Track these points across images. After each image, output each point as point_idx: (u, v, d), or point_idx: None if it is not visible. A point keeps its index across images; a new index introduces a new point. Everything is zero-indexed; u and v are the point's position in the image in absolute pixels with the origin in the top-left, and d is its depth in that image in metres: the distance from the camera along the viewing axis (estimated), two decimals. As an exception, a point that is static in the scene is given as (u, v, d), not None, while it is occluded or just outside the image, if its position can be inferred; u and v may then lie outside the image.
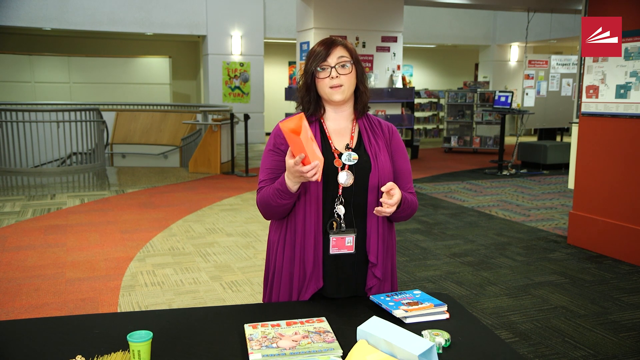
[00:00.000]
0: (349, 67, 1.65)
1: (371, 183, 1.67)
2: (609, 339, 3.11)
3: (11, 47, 12.93)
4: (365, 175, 1.67)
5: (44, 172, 8.48)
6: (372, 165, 1.67)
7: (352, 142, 1.71)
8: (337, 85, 1.64)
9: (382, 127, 1.76)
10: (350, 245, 1.67)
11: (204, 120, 9.32)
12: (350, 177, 1.65)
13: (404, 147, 1.81)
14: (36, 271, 4.18)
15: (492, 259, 4.58)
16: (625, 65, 4.40)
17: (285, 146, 1.67)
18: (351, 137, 1.72)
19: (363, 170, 1.67)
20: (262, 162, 1.74)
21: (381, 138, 1.74)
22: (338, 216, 1.66)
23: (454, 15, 13.91)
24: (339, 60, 1.64)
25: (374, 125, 1.76)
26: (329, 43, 1.67)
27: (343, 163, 1.66)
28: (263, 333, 1.41)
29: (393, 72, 8.09)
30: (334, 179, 1.66)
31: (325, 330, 1.43)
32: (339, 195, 1.66)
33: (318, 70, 1.65)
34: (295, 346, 1.35)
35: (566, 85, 10.43)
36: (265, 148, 1.75)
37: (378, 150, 1.71)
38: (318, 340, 1.37)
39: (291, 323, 1.47)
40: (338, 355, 1.31)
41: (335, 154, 1.68)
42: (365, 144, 1.71)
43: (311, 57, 1.67)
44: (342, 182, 1.65)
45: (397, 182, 1.72)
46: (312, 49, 1.70)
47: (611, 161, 4.62)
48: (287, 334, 1.41)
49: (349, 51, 1.68)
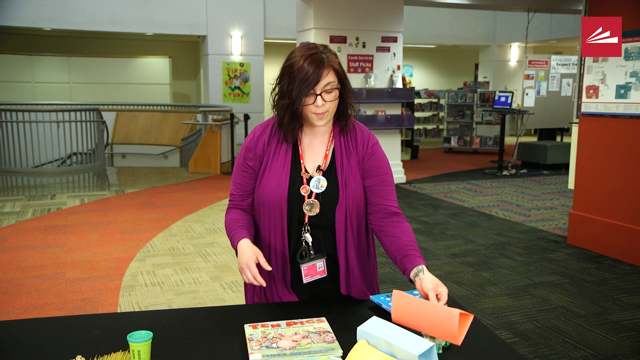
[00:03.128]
0: (335, 93, 1.54)
1: (337, 215, 1.60)
2: (609, 339, 3.11)
3: (11, 47, 12.93)
4: (332, 206, 1.60)
5: (44, 172, 8.48)
6: (340, 195, 1.59)
7: (324, 163, 1.62)
8: (321, 112, 1.55)
9: (358, 144, 1.64)
10: (322, 270, 1.63)
11: (204, 120, 9.32)
12: (316, 206, 1.60)
13: (385, 161, 1.67)
14: (36, 271, 4.18)
15: (492, 259, 4.58)
16: (625, 66, 4.40)
17: (254, 162, 1.63)
18: (325, 155, 1.63)
19: (330, 200, 1.60)
20: (233, 174, 1.71)
21: (354, 155, 1.63)
22: (306, 244, 1.62)
23: (454, 15, 13.90)
24: (326, 87, 1.52)
25: (349, 142, 1.64)
26: (317, 64, 1.50)
27: (310, 190, 1.60)
28: (263, 333, 1.41)
29: (393, 72, 8.09)
30: (300, 206, 1.60)
31: (325, 331, 1.43)
32: (305, 224, 1.61)
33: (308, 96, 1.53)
34: (295, 346, 1.34)
35: (566, 85, 10.43)
36: (237, 160, 1.70)
37: (349, 175, 1.61)
38: (318, 341, 1.37)
39: (291, 323, 1.47)
40: (338, 356, 1.31)
41: (304, 178, 1.60)
42: (337, 168, 1.62)
43: (298, 79, 1.50)
44: (306, 211, 1.60)
45: (378, 199, 1.64)
46: (298, 67, 1.51)
47: (611, 161, 4.62)
48: (287, 334, 1.41)
49: (336, 72, 1.54)
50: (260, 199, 1.63)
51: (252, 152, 1.64)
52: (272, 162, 1.62)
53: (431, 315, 1.32)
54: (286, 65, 1.55)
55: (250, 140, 1.65)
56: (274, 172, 1.61)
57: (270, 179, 1.61)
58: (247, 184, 1.66)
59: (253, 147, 1.64)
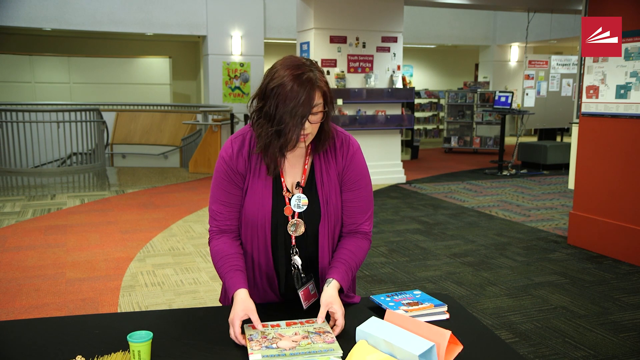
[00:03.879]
0: (320, 115, 1.47)
1: (321, 233, 1.57)
2: (609, 339, 3.11)
3: (11, 47, 12.93)
4: (315, 224, 1.57)
5: (44, 172, 8.48)
6: (322, 213, 1.56)
7: (303, 178, 1.57)
8: (306, 134, 1.47)
9: (337, 154, 1.58)
10: (314, 293, 1.61)
11: (204, 120, 9.32)
12: (301, 225, 1.56)
13: (364, 172, 1.61)
14: (36, 271, 4.18)
15: (492, 259, 4.58)
16: (625, 66, 4.40)
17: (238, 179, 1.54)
18: (304, 170, 1.57)
19: (313, 219, 1.56)
20: (213, 188, 1.58)
21: (334, 169, 1.58)
22: (297, 269, 1.58)
23: (454, 15, 13.90)
24: (314, 110, 1.44)
25: (328, 153, 1.58)
26: (310, 86, 1.41)
27: (293, 211, 1.55)
28: (263, 333, 1.41)
29: (393, 72, 8.09)
30: (284, 227, 1.56)
31: (325, 331, 1.43)
32: (292, 246, 1.58)
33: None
34: (295, 347, 1.34)
35: (566, 85, 10.43)
36: (217, 176, 1.57)
37: (330, 191, 1.57)
38: (318, 341, 1.37)
39: (291, 323, 1.47)
40: (338, 356, 1.31)
41: (286, 198, 1.55)
42: (317, 183, 1.57)
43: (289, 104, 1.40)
44: (291, 232, 1.56)
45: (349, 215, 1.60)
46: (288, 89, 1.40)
47: (611, 161, 4.62)
48: (287, 335, 1.41)
49: (323, 94, 1.46)
50: (244, 219, 1.58)
51: (234, 171, 1.55)
52: (253, 181, 1.55)
53: (422, 333, 1.31)
54: (274, 86, 1.42)
55: (229, 157, 1.54)
56: (255, 192, 1.54)
57: (252, 200, 1.55)
58: (234, 201, 1.57)
59: (235, 165, 1.55)
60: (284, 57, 1.49)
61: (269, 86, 1.43)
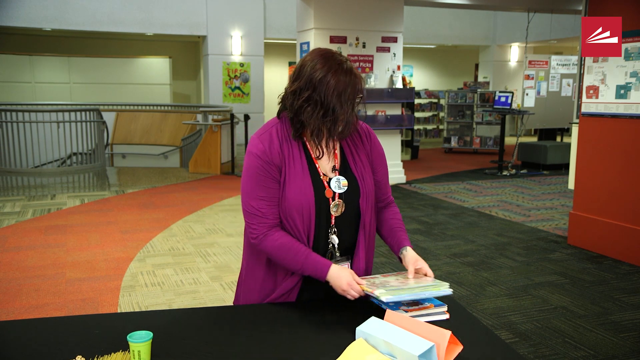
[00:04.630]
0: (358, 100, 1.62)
1: (362, 209, 1.66)
2: (609, 339, 3.11)
3: (11, 47, 12.93)
4: (355, 201, 1.65)
5: (44, 172, 8.48)
6: (361, 190, 1.65)
7: (336, 162, 1.66)
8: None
9: (362, 136, 1.71)
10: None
11: (204, 120, 9.32)
12: (342, 205, 1.63)
13: (382, 149, 1.77)
14: (36, 271, 4.18)
15: (492, 260, 4.58)
16: (625, 66, 4.40)
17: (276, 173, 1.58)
18: (335, 155, 1.67)
19: (352, 196, 1.65)
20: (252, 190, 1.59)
21: (362, 151, 1.70)
22: (332, 246, 1.64)
23: (454, 15, 13.91)
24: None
25: (355, 139, 1.70)
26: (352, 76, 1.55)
27: (333, 192, 1.62)
28: (369, 282, 1.56)
29: (393, 72, 8.09)
30: (326, 208, 1.62)
31: (419, 275, 1.61)
32: (331, 225, 1.63)
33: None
34: (406, 284, 1.52)
35: (566, 85, 10.43)
36: (251, 174, 1.59)
37: (364, 170, 1.68)
38: (422, 281, 1.56)
39: (387, 275, 1.63)
40: (446, 287, 1.52)
41: (324, 181, 1.62)
42: (350, 165, 1.67)
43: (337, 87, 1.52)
44: (333, 212, 1.63)
45: (381, 190, 1.76)
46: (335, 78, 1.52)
47: (611, 161, 4.62)
48: (391, 280, 1.57)
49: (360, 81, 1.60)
50: (287, 206, 1.58)
51: (270, 164, 1.57)
52: (291, 170, 1.59)
53: (421, 333, 1.31)
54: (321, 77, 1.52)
55: (263, 152, 1.58)
56: (294, 180, 1.58)
57: (293, 188, 1.58)
58: (274, 195, 1.59)
59: (269, 158, 1.58)
60: (315, 50, 1.61)
61: (314, 77, 1.54)
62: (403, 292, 1.46)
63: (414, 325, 1.34)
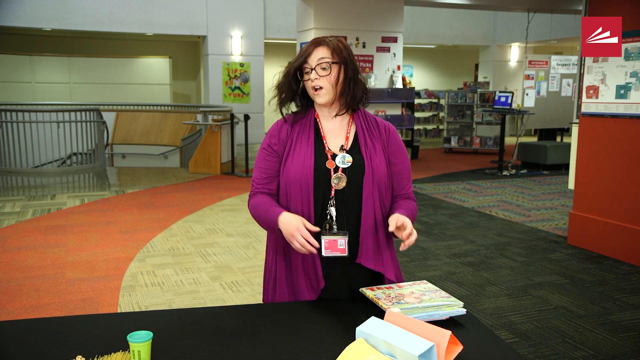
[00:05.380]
0: (327, 69, 1.63)
1: (365, 185, 1.64)
2: (609, 339, 3.11)
3: (11, 47, 12.93)
4: (359, 178, 1.64)
5: (44, 172, 8.48)
6: (367, 167, 1.65)
7: (347, 143, 1.69)
8: (317, 87, 1.64)
9: (380, 128, 1.73)
10: (342, 248, 1.63)
11: (204, 120, 9.32)
12: (344, 179, 1.63)
13: (404, 146, 1.78)
14: (36, 271, 4.18)
15: (492, 260, 4.58)
16: (625, 66, 4.40)
17: (279, 147, 1.68)
18: (346, 137, 1.70)
19: (357, 173, 1.65)
20: (257, 160, 1.75)
21: (378, 139, 1.71)
22: (330, 218, 1.64)
23: (454, 15, 13.91)
24: (319, 61, 1.62)
25: (371, 125, 1.73)
26: (315, 43, 1.65)
27: (336, 165, 1.64)
28: (385, 293, 1.56)
29: (393, 72, 8.09)
30: (326, 180, 1.64)
31: (435, 289, 1.60)
32: (331, 197, 1.64)
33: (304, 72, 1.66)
34: (421, 301, 1.51)
35: (566, 85, 10.43)
36: (260, 146, 1.75)
37: (374, 152, 1.68)
38: (436, 297, 1.55)
39: (402, 286, 1.62)
40: (460, 306, 1.53)
41: (328, 154, 1.66)
42: (360, 145, 1.68)
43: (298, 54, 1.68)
44: (334, 184, 1.64)
45: (398, 183, 1.73)
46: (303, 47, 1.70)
47: (611, 161, 4.62)
48: (406, 293, 1.56)
49: (333, 51, 1.64)
50: (287, 178, 1.65)
51: (276, 138, 1.70)
52: (296, 144, 1.67)
53: (422, 333, 1.31)
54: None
55: (273, 129, 1.72)
56: (298, 152, 1.66)
57: (295, 158, 1.65)
58: (271, 167, 1.69)
59: (277, 134, 1.70)
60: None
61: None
62: (417, 311, 1.48)
63: (414, 325, 1.34)
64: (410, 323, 1.35)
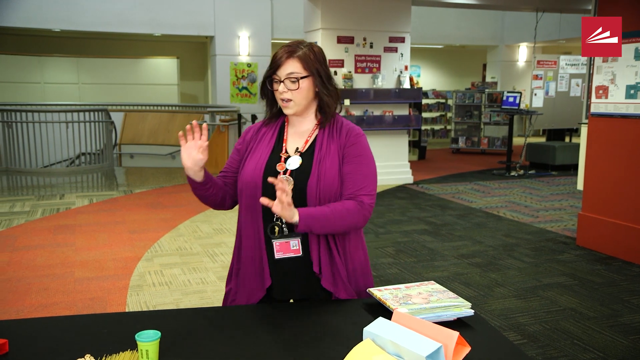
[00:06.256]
0: (296, 83, 1.63)
1: (309, 188, 1.62)
2: (618, 341, 3.09)
3: (20, 48, 13.03)
4: (304, 180, 1.64)
5: (53, 172, 8.54)
6: (313, 170, 1.64)
7: (304, 146, 1.70)
8: (286, 99, 1.66)
9: (342, 131, 1.70)
10: (296, 249, 1.63)
11: (212, 120, 9.34)
12: (290, 182, 1.64)
13: (367, 150, 1.71)
14: (45, 270, 4.21)
15: (500, 260, 4.56)
16: (635, 66, 4.37)
17: (242, 147, 1.77)
18: (306, 141, 1.72)
19: (303, 175, 1.65)
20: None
21: (335, 142, 1.69)
22: (279, 220, 1.64)
23: (461, 15, 13.85)
24: (288, 75, 1.63)
25: (333, 132, 1.71)
26: (287, 53, 1.64)
27: (285, 168, 1.67)
28: (392, 294, 1.56)
29: (400, 72, 8.07)
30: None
31: (443, 290, 1.60)
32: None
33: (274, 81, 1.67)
34: (429, 302, 1.51)
35: (575, 85, 10.37)
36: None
37: (326, 155, 1.66)
38: (444, 297, 1.54)
39: (410, 286, 1.63)
40: (468, 307, 1.52)
41: (282, 157, 1.69)
42: (315, 150, 1.68)
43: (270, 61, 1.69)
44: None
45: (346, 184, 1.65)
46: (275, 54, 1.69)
47: (621, 162, 4.58)
48: (414, 294, 1.57)
49: (303, 63, 1.63)
50: (241, 178, 1.71)
51: (242, 139, 1.79)
52: (257, 146, 1.74)
53: (429, 334, 1.30)
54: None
55: (245, 131, 1.81)
56: (256, 153, 1.73)
57: (252, 159, 1.72)
58: (231, 165, 1.78)
59: (244, 135, 1.80)
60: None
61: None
62: (424, 312, 1.49)
63: (422, 326, 1.33)
64: (418, 324, 1.34)
